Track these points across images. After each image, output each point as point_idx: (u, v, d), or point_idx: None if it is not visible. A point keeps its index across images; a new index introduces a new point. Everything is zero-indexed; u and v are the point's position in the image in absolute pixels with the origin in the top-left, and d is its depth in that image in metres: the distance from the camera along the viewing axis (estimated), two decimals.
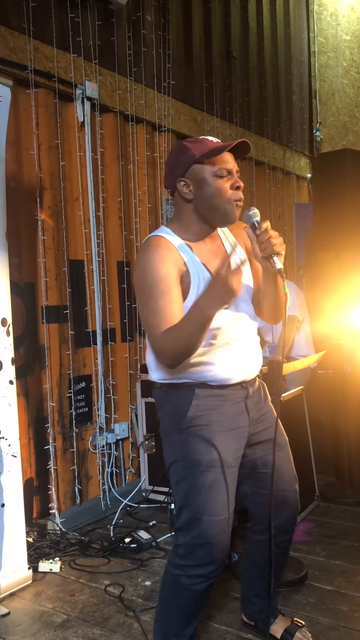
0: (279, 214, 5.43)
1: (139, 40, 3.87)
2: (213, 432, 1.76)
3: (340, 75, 6.18)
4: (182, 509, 1.77)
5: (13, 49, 3.04)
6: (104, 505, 3.47)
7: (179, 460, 1.78)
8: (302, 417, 3.42)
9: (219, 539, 1.74)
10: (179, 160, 1.77)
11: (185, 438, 1.77)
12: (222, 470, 1.75)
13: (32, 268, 3.19)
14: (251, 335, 1.87)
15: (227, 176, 1.74)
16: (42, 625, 2.30)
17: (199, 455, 1.74)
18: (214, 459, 1.74)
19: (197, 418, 1.76)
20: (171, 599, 1.82)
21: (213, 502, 1.73)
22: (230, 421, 1.80)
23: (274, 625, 2.08)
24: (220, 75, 4.71)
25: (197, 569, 1.75)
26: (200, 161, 1.73)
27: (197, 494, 1.74)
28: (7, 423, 2.55)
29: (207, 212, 1.77)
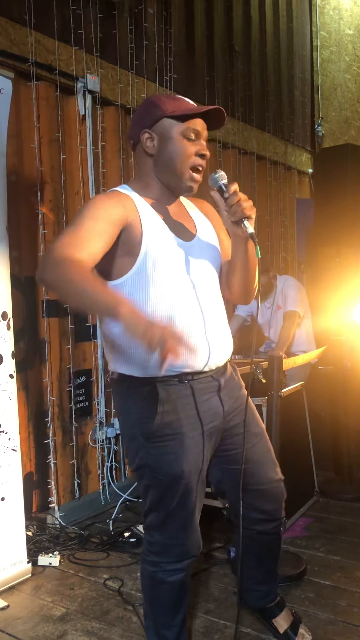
0: (280, 209, 5.41)
1: (141, 34, 3.85)
2: (184, 441, 1.65)
3: (343, 70, 6.15)
4: (152, 512, 1.73)
5: (14, 41, 3.02)
6: (103, 500, 3.48)
7: (146, 467, 1.69)
8: (302, 412, 3.42)
9: (193, 538, 1.73)
10: (148, 111, 1.67)
11: (154, 448, 1.65)
12: (192, 478, 1.68)
13: (33, 262, 3.18)
14: (218, 318, 1.74)
15: (195, 140, 1.65)
16: (41, 618, 2.31)
17: (169, 467, 1.65)
18: (185, 470, 1.66)
19: (165, 427, 1.63)
20: (153, 594, 1.82)
21: (184, 509, 1.70)
22: (204, 421, 1.70)
23: (278, 618, 2.05)
24: (222, 69, 4.69)
25: (173, 564, 1.75)
26: (170, 117, 1.64)
27: (167, 501, 1.68)
28: (7, 417, 2.55)
29: (164, 172, 1.67)
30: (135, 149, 1.72)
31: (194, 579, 2.49)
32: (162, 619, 1.83)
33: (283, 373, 2.77)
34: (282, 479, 1.92)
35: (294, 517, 3.11)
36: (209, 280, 1.75)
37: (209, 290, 1.74)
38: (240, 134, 4.84)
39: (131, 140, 1.73)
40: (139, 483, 1.77)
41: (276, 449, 2.61)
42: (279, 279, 3.93)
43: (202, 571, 2.56)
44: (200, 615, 2.26)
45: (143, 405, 1.66)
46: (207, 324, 1.69)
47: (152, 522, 1.75)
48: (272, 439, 2.62)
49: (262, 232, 5.17)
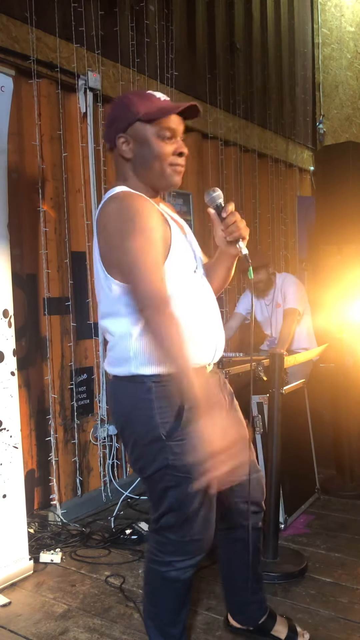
0: (281, 206, 5.41)
1: (142, 31, 3.85)
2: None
3: (344, 67, 6.14)
4: (170, 513, 1.70)
5: (15, 39, 3.02)
6: (104, 497, 3.48)
7: (169, 468, 1.63)
8: (303, 410, 3.42)
9: (210, 533, 1.73)
10: (121, 114, 1.63)
11: (177, 446, 1.61)
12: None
13: (34, 259, 3.19)
14: (218, 311, 1.78)
15: (171, 139, 1.62)
16: (43, 615, 2.31)
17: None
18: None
19: (191, 423, 1.54)
20: (161, 593, 1.81)
21: (206, 505, 1.69)
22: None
23: (277, 626, 2.04)
24: (223, 66, 4.68)
25: (186, 562, 1.74)
26: (143, 119, 1.60)
27: (192, 500, 1.66)
28: (9, 414, 2.55)
29: (145, 174, 1.64)
30: (113, 151, 1.69)
31: (195, 576, 2.50)
32: (167, 618, 1.82)
33: (284, 371, 2.77)
34: (263, 477, 1.96)
35: (295, 514, 3.11)
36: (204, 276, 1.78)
37: (209, 288, 1.78)
38: (242, 132, 4.83)
39: (108, 143, 1.70)
40: (153, 487, 1.70)
41: (277, 446, 2.62)
42: (278, 276, 3.93)
43: (204, 568, 2.56)
44: (201, 612, 2.26)
45: (167, 404, 1.60)
46: (216, 318, 1.74)
47: (169, 523, 1.71)
48: (273, 437, 2.63)
49: (264, 229, 5.16)
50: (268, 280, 3.84)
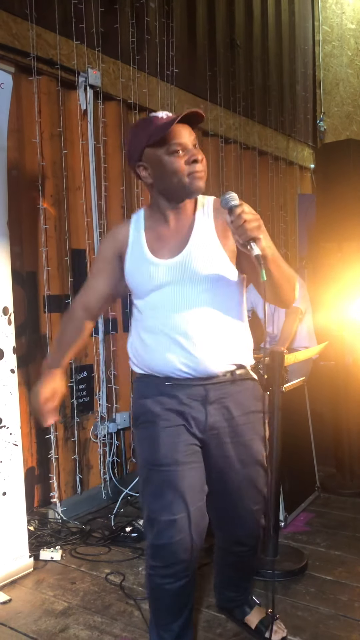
0: (281, 204, 5.40)
1: (142, 28, 3.84)
2: (157, 429, 1.71)
3: (345, 64, 6.13)
4: (142, 508, 1.79)
5: (15, 36, 3.01)
6: (104, 495, 3.48)
7: (136, 452, 1.82)
8: (303, 408, 3.42)
9: (180, 538, 1.68)
10: (132, 146, 1.73)
11: (137, 434, 1.80)
12: (170, 469, 1.68)
13: (34, 257, 3.18)
14: (206, 329, 1.71)
15: (182, 152, 1.65)
16: (43, 612, 2.31)
17: (146, 453, 1.75)
18: (160, 457, 1.69)
19: (144, 414, 1.77)
20: (153, 596, 1.83)
21: (166, 501, 1.68)
22: (182, 416, 1.72)
23: (249, 616, 2.08)
24: (223, 64, 4.67)
25: (165, 569, 1.72)
26: (151, 144, 1.66)
27: (149, 492, 1.72)
28: (9, 412, 2.55)
29: (168, 190, 1.71)
30: (140, 179, 1.78)
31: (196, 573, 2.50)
32: (161, 621, 1.83)
33: (285, 369, 2.76)
34: (259, 512, 1.87)
35: (295, 512, 3.11)
36: (196, 291, 1.71)
37: (196, 302, 1.71)
38: (242, 129, 4.82)
39: (136, 176, 1.81)
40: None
41: (277, 444, 2.62)
42: None
43: (204, 565, 2.56)
44: (202, 610, 2.26)
45: (136, 396, 1.84)
46: (189, 337, 1.69)
47: (144, 519, 1.78)
48: (273, 435, 2.63)
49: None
50: None
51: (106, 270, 1.84)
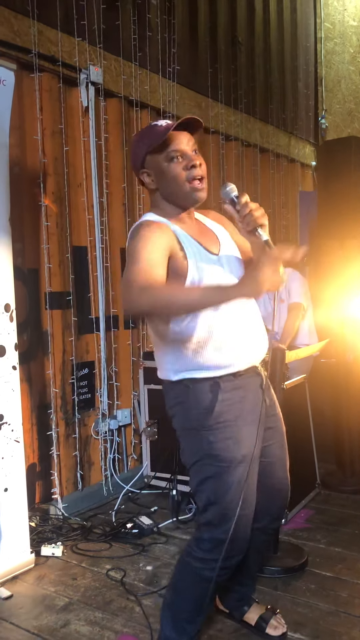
0: (283, 202, 5.40)
1: (144, 25, 3.83)
2: (240, 427, 1.75)
3: (347, 61, 6.12)
4: (211, 506, 1.75)
5: (17, 32, 3.01)
6: (106, 491, 3.49)
7: (205, 458, 1.75)
8: (304, 405, 3.43)
9: (247, 532, 1.76)
10: (135, 154, 1.79)
11: (212, 435, 1.73)
12: (250, 465, 1.75)
13: (36, 254, 3.19)
14: (255, 314, 1.85)
15: (180, 158, 1.71)
16: (44, 608, 2.32)
17: (229, 452, 1.73)
18: (243, 455, 1.73)
19: (224, 414, 1.73)
20: (190, 589, 1.82)
21: (244, 497, 1.73)
22: (253, 412, 1.79)
23: (248, 614, 2.09)
24: (225, 61, 4.67)
25: (223, 562, 1.74)
26: (151, 151, 1.73)
27: (228, 490, 1.72)
28: (10, 408, 2.56)
29: (171, 197, 1.77)
30: (145, 186, 1.83)
31: None
32: (186, 614, 1.83)
33: (286, 366, 2.77)
34: (288, 478, 1.98)
35: (296, 509, 3.12)
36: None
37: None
38: (244, 126, 4.82)
39: (141, 183, 1.84)
40: (194, 479, 1.79)
41: None
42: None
43: None
44: None
45: (204, 398, 1.74)
46: (245, 328, 1.78)
47: (210, 518, 1.76)
48: None
49: None
50: None
51: (164, 264, 1.67)
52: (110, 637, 2.11)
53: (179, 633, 1.83)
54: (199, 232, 1.82)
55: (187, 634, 1.83)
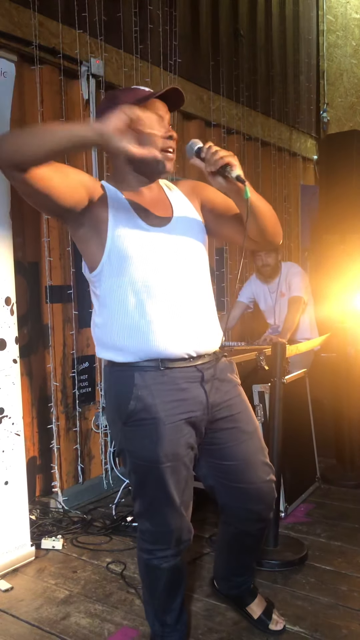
0: (284, 195, 5.38)
1: (146, 17, 3.81)
2: (160, 426, 1.63)
3: (349, 55, 6.09)
4: (137, 498, 1.75)
5: (17, 24, 2.99)
6: (106, 484, 3.50)
7: (126, 451, 1.71)
8: (304, 399, 3.43)
9: (180, 524, 1.72)
10: (109, 109, 1.58)
11: (130, 432, 1.66)
12: (171, 464, 1.66)
13: (36, 247, 3.18)
14: (201, 305, 1.71)
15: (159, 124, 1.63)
16: (44, 600, 2.33)
17: (145, 451, 1.65)
18: (161, 455, 1.64)
19: (141, 411, 1.64)
20: (150, 580, 1.84)
21: (166, 494, 1.68)
22: (181, 409, 1.66)
23: (252, 605, 2.08)
24: (227, 53, 4.64)
25: (165, 551, 1.76)
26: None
27: (148, 487, 1.70)
28: (11, 401, 2.56)
29: (140, 162, 1.64)
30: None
31: (195, 563, 2.53)
32: (160, 604, 1.85)
33: (286, 360, 2.77)
34: (272, 479, 1.85)
35: (296, 503, 3.13)
36: (189, 264, 1.71)
37: (189, 275, 1.71)
38: (245, 120, 4.80)
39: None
40: (125, 469, 1.79)
41: (278, 435, 2.63)
42: (283, 265, 3.92)
43: (204, 555, 2.58)
44: (201, 599, 2.28)
45: (121, 390, 1.67)
46: (186, 311, 1.67)
47: (139, 509, 1.77)
48: (274, 426, 2.64)
49: None
50: (275, 266, 3.84)
51: (79, 183, 1.56)
52: (110, 630, 2.12)
53: (161, 624, 1.86)
54: (150, 202, 1.70)
55: (167, 624, 1.85)
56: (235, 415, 1.77)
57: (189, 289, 1.69)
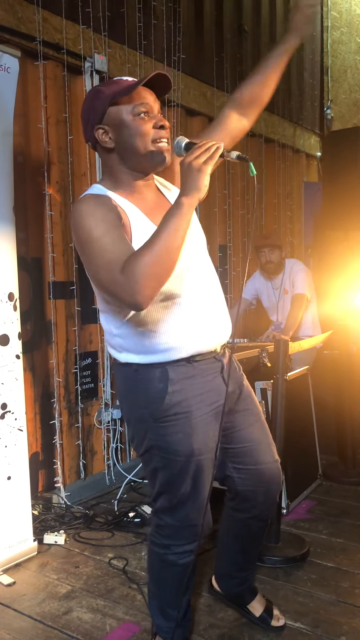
0: (287, 192, 5.38)
1: (149, 12, 3.80)
2: (192, 420, 1.66)
3: (354, 51, 6.07)
4: (162, 494, 1.74)
5: (21, 19, 2.99)
6: (108, 480, 3.51)
7: (155, 449, 1.69)
8: (306, 396, 3.43)
9: (202, 518, 1.74)
10: (93, 107, 1.59)
11: (163, 428, 1.66)
12: (203, 457, 1.69)
13: (39, 243, 3.18)
14: (217, 299, 1.73)
15: (148, 115, 1.57)
16: (47, 595, 2.34)
17: (180, 445, 1.66)
18: (195, 448, 1.66)
19: (175, 406, 1.64)
20: (162, 575, 1.84)
21: (196, 489, 1.70)
22: (209, 401, 1.70)
23: (254, 603, 2.09)
24: (230, 49, 4.63)
25: (184, 546, 1.76)
26: (115, 102, 1.55)
27: (179, 482, 1.69)
28: (14, 397, 2.57)
29: (132, 158, 1.59)
30: (96, 148, 1.64)
31: (199, 559, 2.52)
32: (169, 599, 1.85)
33: (289, 357, 2.77)
34: (278, 460, 1.89)
35: (298, 499, 3.13)
36: (202, 262, 1.72)
37: (205, 271, 1.72)
38: None
39: (89, 142, 1.65)
40: (146, 467, 1.76)
41: (281, 432, 2.63)
42: (286, 262, 3.91)
43: (207, 551, 2.59)
44: (204, 594, 2.28)
45: (153, 387, 1.65)
46: (209, 307, 1.70)
47: (163, 505, 1.75)
48: (276, 423, 2.64)
49: (270, 215, 5.14)
50: (279, 263, 3.84)
51: (123, 233, 1.51)
52: (112, 625, 2.13)
53: (166, 619, 1.86)
54: (153, 205, 1.65)
55: (173, 619, 1.85)
56: (247, 399, 1.82)
57: (205, 284, 1.70)
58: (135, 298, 1.41)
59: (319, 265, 5.30)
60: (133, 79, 1.61)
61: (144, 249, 1.41)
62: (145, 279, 1.39)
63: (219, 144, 1.46)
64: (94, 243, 1.47)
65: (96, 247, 1.47)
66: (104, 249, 1.46)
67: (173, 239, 1.41)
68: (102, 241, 1.46)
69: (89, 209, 1.52)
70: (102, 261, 1.46)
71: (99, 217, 1.49)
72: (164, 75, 1.57)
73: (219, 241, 4.48)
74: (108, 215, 1.51)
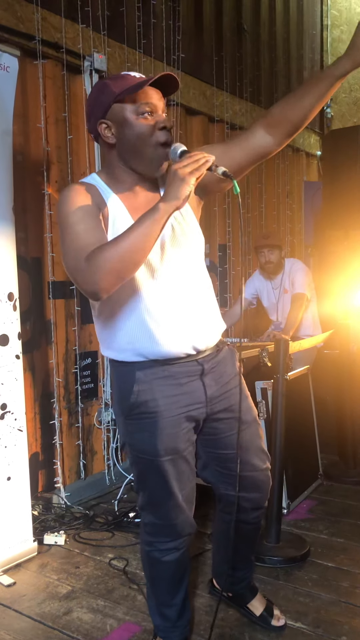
0: (287, 192, 5.37)
1: (149, 11, 3.79)
2: (160, 420, 1.65)
3: None
4: (140, 491, 1.77)
5: (20, 19, 2.98)
6: (108, 480, 3.50)
7: (127, 444, 1.73)
8: (307, 396, 3.42)
9: (182, 517, 1.74)
10: (98, 100, 1.58)
11: (130, 425, 1.69)
12: (170, 458, 1.68)
13: (39, 243, 3.18)
14: (199, 302, 1.69)
15: (152, 114, 1.56)
16: (47, 595, 2.34)
17: (145, 445, 1.67)
18: (159, 449, 1.66)
19: (141, 405, 1.65)
20: (151, 573, 1.85)
21: (166, 487, 1.70)
22: (181, 403, 1.67)
23: (253, 602, 2.09)
24: (230, 48, 4.62)
25: (168, 544, 1.78)
26: (120, 99, 1.55)
27: (150, 480, 1.71)
28: (14, 397, 2.56)
29: (131, 157, 1.59)
30: (98, 141, 1.64)
31: (197, 559, 2.53)
32: (162, 598, 1.86)
33: (289, 356, 2.77)
34: (268, 467, 1.88)
35: (298, 499, 3.12)
36: (186, 263, 1.68)
37: (187, 274, 1.68)
38: (249, 115, 4.78)
39: (92, 134, 1.65)
40: (128, 461, 1.81)
41: (281, 431, 2.63)
42: (286, 261, 3.91)
43: (206, 551, 2.58)
44: (204, 595, 2.28)
45: (123, 384, 1.69)
46: (184, 311, 1.65)
47: (142, 501, 1.79)
48: (277, 422, 2.64)
49: (269, 215, 5.13)
50: (278, 263, 3.83)
51: (100, 224, 1.54)
52: (112, 625, 2.12)
53: (163, 618, 1.87)
54: (143, 204, 1.61)
55: (169, 619, 1.86)
56: (234, 405, 1.77)
57: (187, 288, 1.67)
58: (93, 287, 1.44)
59: (319, 265, 5.29)
60: (141, 75, 1.61)
61: (111, 244, 1.44)
62: (103, 273, 1.42)
63: (209, 158, 1.45)
64: (68, 228, 1.51)
65: (70, 233, 1.51)
66: (76, 235, 1.49)
67: (140, 241, 1.43)
68: (76, 227, 1.50)
69: (72, 195, 1.55)
70: (72, 247, 1.49)
71: (78, 205, 1.53)
72: (172, 76, 1.57)
73: (219, 241, 4.48)
74: (88, 204, 1.54)
